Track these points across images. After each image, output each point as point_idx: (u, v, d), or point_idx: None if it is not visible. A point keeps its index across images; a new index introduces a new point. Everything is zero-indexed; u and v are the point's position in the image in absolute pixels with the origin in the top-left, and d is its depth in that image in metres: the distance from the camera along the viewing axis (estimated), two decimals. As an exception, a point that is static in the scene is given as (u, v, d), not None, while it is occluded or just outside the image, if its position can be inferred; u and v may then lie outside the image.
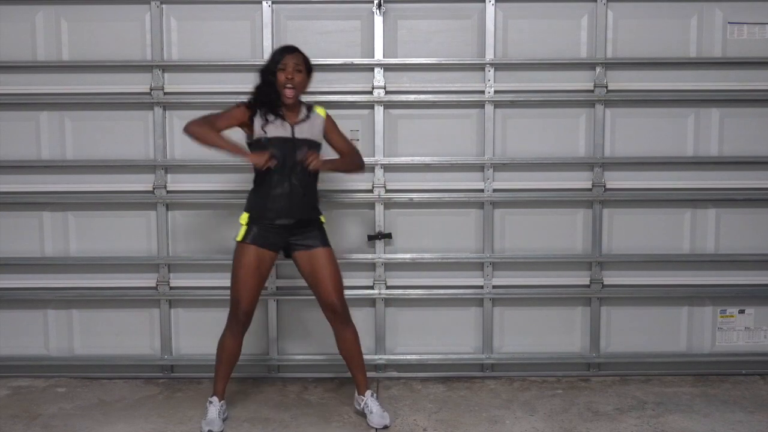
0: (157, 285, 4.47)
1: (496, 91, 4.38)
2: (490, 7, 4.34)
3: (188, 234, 4.47)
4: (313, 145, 3.78)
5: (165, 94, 4.38)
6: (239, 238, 3.75)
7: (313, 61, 4.31)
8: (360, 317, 4.48)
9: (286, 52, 3.73)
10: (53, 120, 4.42)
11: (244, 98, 3.79)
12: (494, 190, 4.43)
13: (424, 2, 4.37)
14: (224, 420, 3.82)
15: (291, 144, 3.71)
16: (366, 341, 4.48)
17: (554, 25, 4.38)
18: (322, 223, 3.87)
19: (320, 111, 3.87)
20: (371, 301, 4.49)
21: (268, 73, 3.72)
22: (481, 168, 4.42)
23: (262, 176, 3.75)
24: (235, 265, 3.76)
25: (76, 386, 4.35)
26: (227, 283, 4.39)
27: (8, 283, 4.48)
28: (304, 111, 3.81)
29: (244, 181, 4.44)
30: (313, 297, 4.49)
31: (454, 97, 4.39)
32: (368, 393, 3.86)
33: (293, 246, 3.80)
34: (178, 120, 4.40)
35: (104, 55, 4.37)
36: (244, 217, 3.77)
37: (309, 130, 3.78)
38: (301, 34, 4.36)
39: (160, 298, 4.47)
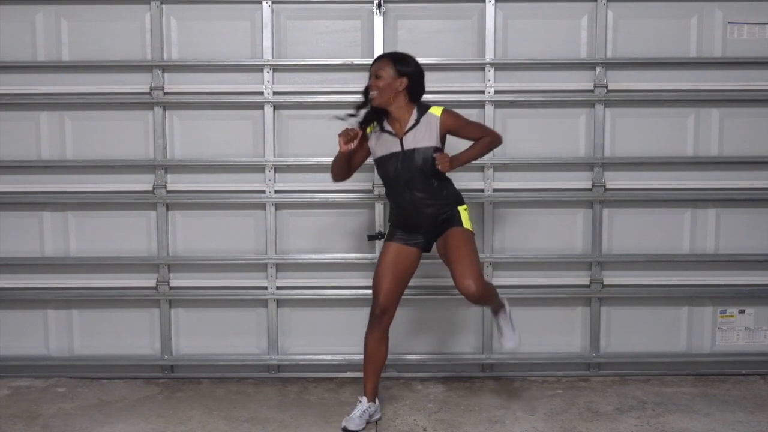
0: (157, 285, 4.47)
1: (496, 91, 4.38)
2: (490, 7, 4.33)
3: (188, 234, 4.47)
4: (428, 151, 3.63)
5: (165, 94, 4.37)
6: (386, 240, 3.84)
7: (313, 61, 4.36)
8: (360, 317, 4.48)
9: (373, 62, 3.72)
10: (53, 120, 4.42)
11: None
12: (494, 190, 4.43)
13: (424, 2, 4.37)
14: None
15: (402, 157, 3.65)
16: (366, 341, 4.50)
17: (554, 25, 4.38)
18: (459, 212, 3.75)
19: (435, 110, 3.69)
20: (371, 301, 4.47)
21: (366, 88, 3.68)
22: (481, 168, 4.41)
23: (387, 188, 3.80)
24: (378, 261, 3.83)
25: (76, 386, 4.35)
26: (227, 283, 4.44)
27: (8, 283, 4.48)
28: (414, 117, 3.66)
29: (243, 181, 4.45)
30: (312, 296, 4.50)
31: (454, 97, 4.38)
32: (501, 314, 3.91)
33: (434, 242, 3.80)
34: (178, 120, 4.41)
35: (104, 55, 4.37)
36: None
37: (419, 136, 3.64)
38: (301, 34, 4.37)
39: (160, 298, 4.47)
